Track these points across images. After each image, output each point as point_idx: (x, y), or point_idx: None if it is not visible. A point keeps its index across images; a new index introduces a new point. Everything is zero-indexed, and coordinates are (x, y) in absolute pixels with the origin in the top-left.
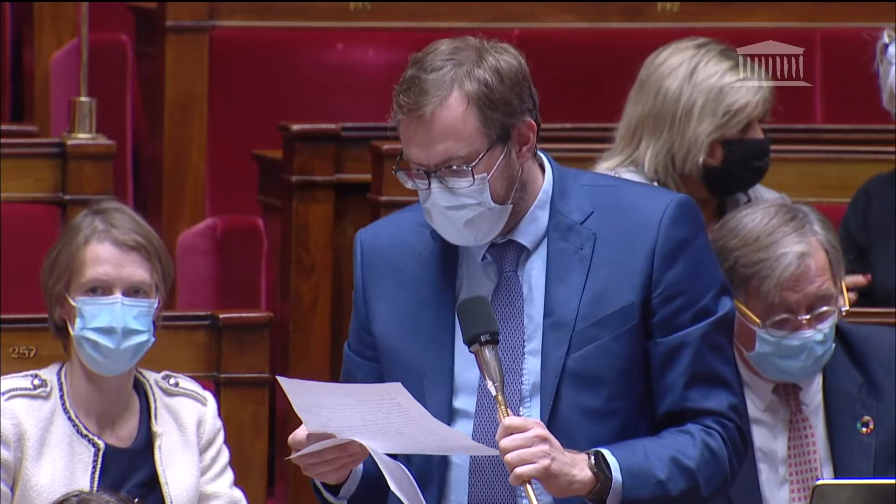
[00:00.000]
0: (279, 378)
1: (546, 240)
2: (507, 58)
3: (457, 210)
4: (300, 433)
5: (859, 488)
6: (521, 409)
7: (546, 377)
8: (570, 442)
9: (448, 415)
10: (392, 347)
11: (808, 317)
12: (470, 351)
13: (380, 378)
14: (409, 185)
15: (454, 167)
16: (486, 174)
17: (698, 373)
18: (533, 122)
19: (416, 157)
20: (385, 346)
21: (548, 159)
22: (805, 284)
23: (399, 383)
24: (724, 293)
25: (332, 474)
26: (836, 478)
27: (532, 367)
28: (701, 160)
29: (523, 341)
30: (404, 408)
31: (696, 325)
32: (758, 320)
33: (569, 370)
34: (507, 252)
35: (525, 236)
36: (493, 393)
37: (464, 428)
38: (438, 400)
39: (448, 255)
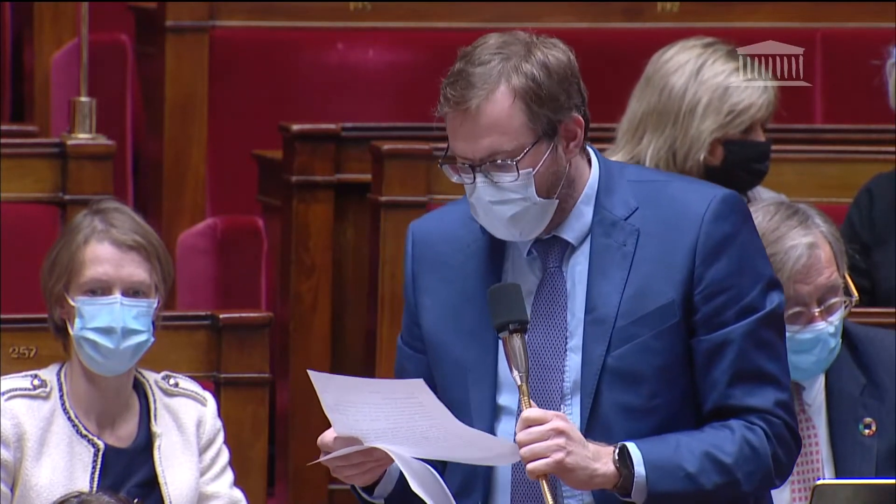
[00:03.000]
0: (310, 372)
1: (590, 235)
2: (556, 53)
3: (501, 205)
4: (328, 435)
5: (859, 488)
6: (562, 406)
7: (587, 374)
8: (610, 439)
9: (491, 411)
10: (437, 341)
11: (819, 309)
12: (498, 338)
13: (430, 371)
14: (455, 179)
15: (499, 161)
16: (531, 169)
17: (742, 370)
18: (581, 118)
19: (461, 150)
20: (431, 340)
21: (595, 154)
22: (816, 276)
23: (421, 380)
24: (773, 287)
25: (359, 478)
26: (836, 478)
27: (573, 364)
28: (702, 158)
29: (566, 338)
30: (426, 407)
31: (741, 321)
32: None
33: (609, 368)
34: (552, 248)
35: (570, 232)
36: (518, 383)
37: (508, 426)
38: (481, 396)
39: (495, 250)
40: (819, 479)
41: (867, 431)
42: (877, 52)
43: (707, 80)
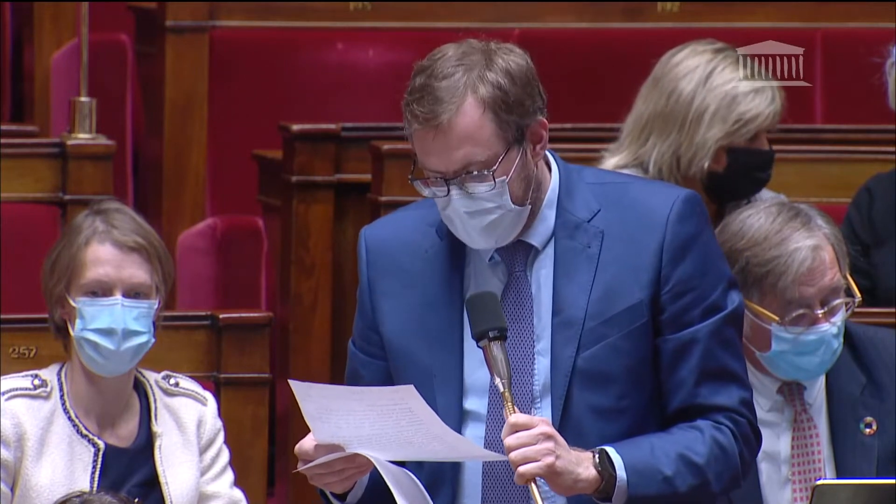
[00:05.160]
0: (290, 381)
1: (553, 238)
2: (515, 58)
3: (478, 215)
4: (307, 443)
5: (859, 488)
6: (532, 409)
7: (556, 377)
8: (581, 441)
9: (458, 417)
10: (401, 347)
11: (823, 310)
12: (478, 346)
13: (387, 376)
14: (427, 192)
15: (474, 172)
16: (505, 177)
17: (709, 369)
18: (545, 120)
19: (433, 165)
20: (394, 346)
21: (553, 157)
22: (819, 278)
23: (412, 386)
24: (732, 288)
25: (339, 484)
26: (836, 477)
27: (542, 366)
28: (706, 165)
29: (533, 341)
30: (415, 413)
31: (706, 321)
32: (776, 318)
33: (579, 369)
34: (516, 252)
35: (535, 236)
36: (501, 390)
37: (475, 431)
38: (448, 401)
39: (455, 255)
40: (819, 478)
41: (868, 431)
42: (877, 52)
43: (716, 87)
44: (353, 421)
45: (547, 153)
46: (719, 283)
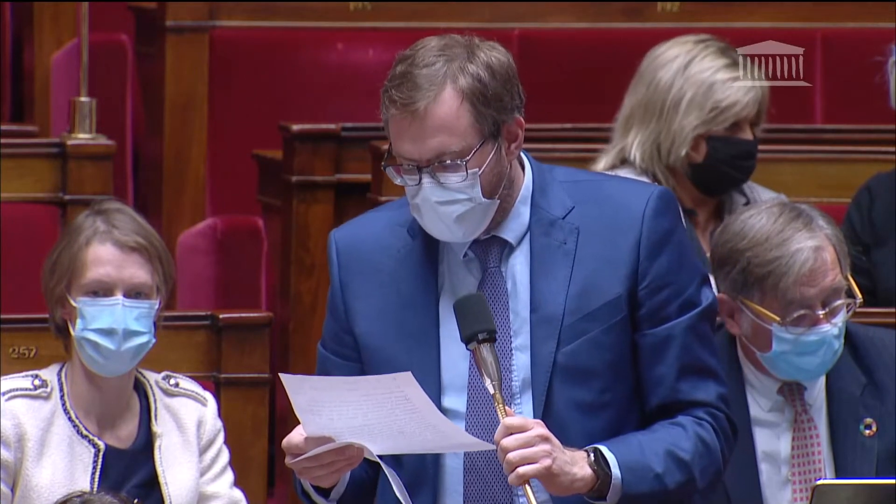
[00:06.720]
0: (282, 375)
1: (528, 235)
2: (497, 54)
3: (448, 205)
4: (295, 437)
5: (859, 488)
6: (512, 405)
7: (537, 373)
8: (563, 436)
9: None
10: (377, 347)
11: (824, 311)
12: (468, 349)
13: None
14: (398, 181)
15: (447, 162)
16: (478, 169)
17: (687, 364)
18: (522, 120)
19: (407, 151)
20: (369, 347)
21: (526, 156)
22: (820, 278)
23: (409, 373)
24: (706, 283)
25: (327, 478)
26: (836, 478)
27: (521, 362)
28: (683, 153)
29: (510, 337)
30: (411, 401)
31: (683, 316)
32: (777, 318)
33: (560, 365)
34: (490, 248)
35: (509, 232)
36: (492, 391)
37: None
38: None
39: (428, 253)
40: (819, 479)
41: (868, 431)
42: (877, 52)
43: (693, 75)
44: (345, 412)
45: (520, 153)
46: (694, 278)
